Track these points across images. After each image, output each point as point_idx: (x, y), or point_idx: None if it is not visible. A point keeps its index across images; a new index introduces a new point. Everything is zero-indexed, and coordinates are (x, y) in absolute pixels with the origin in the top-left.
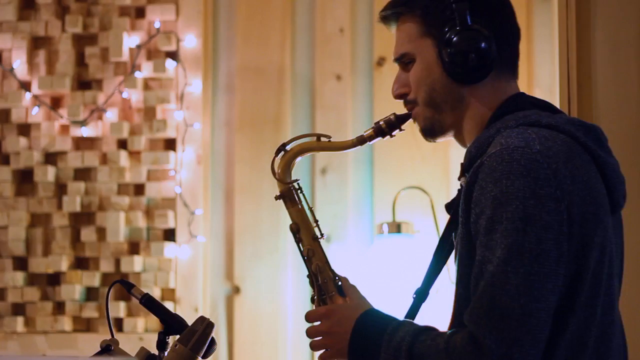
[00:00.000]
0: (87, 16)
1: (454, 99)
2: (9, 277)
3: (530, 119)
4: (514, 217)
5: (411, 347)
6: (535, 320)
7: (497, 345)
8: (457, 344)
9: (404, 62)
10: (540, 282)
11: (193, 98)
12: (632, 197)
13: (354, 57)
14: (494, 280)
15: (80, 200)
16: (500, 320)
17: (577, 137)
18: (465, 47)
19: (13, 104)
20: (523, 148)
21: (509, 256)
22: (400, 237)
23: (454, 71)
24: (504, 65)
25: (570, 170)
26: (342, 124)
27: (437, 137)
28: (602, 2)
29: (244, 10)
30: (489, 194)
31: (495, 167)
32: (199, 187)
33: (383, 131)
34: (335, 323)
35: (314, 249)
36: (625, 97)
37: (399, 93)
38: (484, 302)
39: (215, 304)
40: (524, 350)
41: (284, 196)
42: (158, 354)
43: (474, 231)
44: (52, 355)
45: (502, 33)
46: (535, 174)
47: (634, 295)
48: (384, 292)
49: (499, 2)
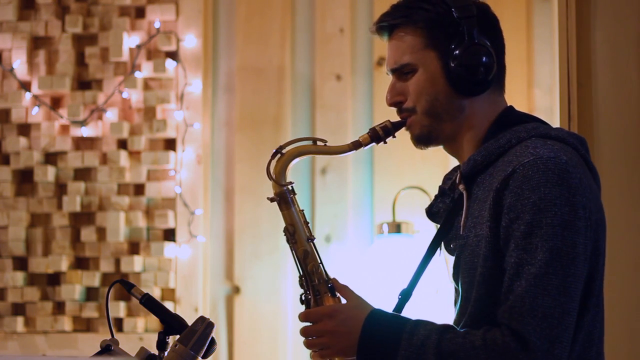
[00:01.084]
0: (87, 16)
1: (455, 110)
2: (9, 277)
3: (540, 131)
4: (554, 222)
5: (439, 344)
6: (572, 318)
7: (541, 341)
8: (498, 340)
9: (404, 72)
10: (575, 283)
11: (193, 98)
12: (631, 197)
13: (354, 57)
14: (536, 281)
15: (80, 200)
16: (544, 318)
17: (578, 150)
18: (473, 61)
19: (13, 104)
20: (554, 158)
21: (551, 259)
22: (400, 237)
23: (459, 83)
24: (499, 79)
25: (588, 180)
26: (342, 124)
27: (429, 145)
28: (602, 2)
29: (244, 10)
30: (526, 200)
31: (531, 175)
32: (199, 187)
33: (379, 137)
34: (339, 323)
35: (308, 250)
36: (625, 97)
37: (395, 101)
38: (526, 301)
39: (215, 304)
40: (563, 345)
41: (279, 198)
42: (158, 354)
43: (503, 235)
44: (52, 355)
45: (499, 49)
46: (567, 182)
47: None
48: (383, 292)
49: (495, 19)
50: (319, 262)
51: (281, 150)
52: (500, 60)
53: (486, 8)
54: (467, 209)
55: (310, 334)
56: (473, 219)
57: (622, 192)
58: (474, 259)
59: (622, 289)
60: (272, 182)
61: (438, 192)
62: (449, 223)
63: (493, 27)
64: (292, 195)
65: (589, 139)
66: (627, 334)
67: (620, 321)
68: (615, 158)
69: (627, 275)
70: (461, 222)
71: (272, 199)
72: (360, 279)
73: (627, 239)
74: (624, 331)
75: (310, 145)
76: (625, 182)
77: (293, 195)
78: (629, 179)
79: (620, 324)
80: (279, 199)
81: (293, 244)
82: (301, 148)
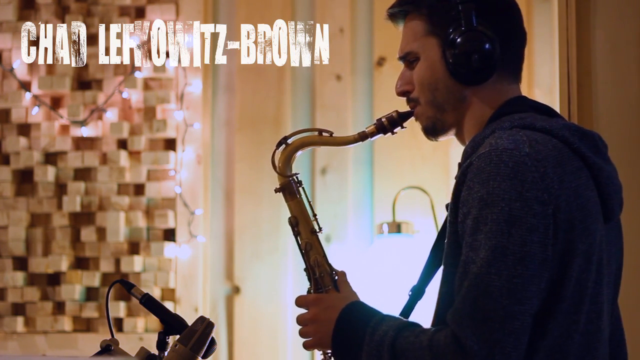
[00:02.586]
0: (87, 16)
1: (456, 99)
2: (9, 277)
3: (525, 122)
4: (499, 218)
5: (394, 341)
6: (518, 323)
7: (479, 347)
8: (441, 342)
9: (409, 60)
10: (523, 285)
11: (193, 98)
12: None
13: (354, 57)
14: (477, 281)
15: (80, 200)
16: (483, 322)
17: (571, 143)
18: (469, 48)
19: (13, 104)
20: (512, 150)
21: (493, 258)
22: (400, 237)
23: (458, 72)
24: (507, 67)
25: (559, 175)
26: (342, 124)
27: (438, 136)
28: (602, 2)
29: (243, 10)
30: (475, 194)
31: (483, 167)
32: (199, 187)
33: (385, 128)
34: (321, 310)
35: (312, 243)
36: (625, 97)
37: (402, 90)
38: (467, 303)
39: (215, 304)
40: (506, 352)
41: (284, 189)
42: (158, 354)
43: (460, 231)
44: (52, 355)
45: (506, 35)
46: (522, 176)
47: (633, 295)
48: (383, 291)
49: (505, 4)
50: (322, 254)
51: (286, 141)
52: (508, 47)
53: None
54: None
55: (299, 321)
56: None
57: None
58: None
59: (622, 289)
60: (277, 174)
61: None
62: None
63: (500, 11)
64: (298, 186)
65: None
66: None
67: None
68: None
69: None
70: None
71: (277, 190)
72: (360, 279)
73: (626, 239)
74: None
75: (315, 136)
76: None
77: (298, 186)
78: (629, 179)
79: None
80: (284, 190)
81: (297, 236)
82: (306, 139)
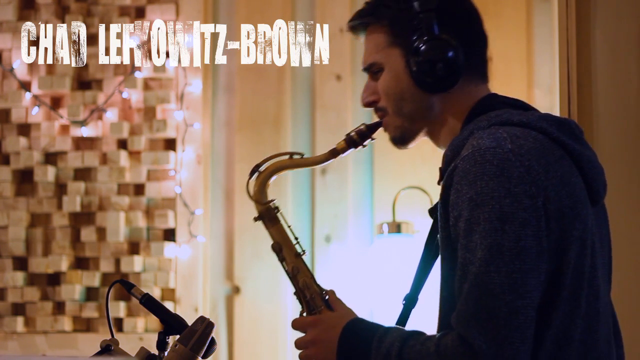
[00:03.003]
0: (87, 16)
1: (424, 108)
2: (9, 277)
3: (502, 118)
4: (491, 217)
5: (400, 352)
6: (523, 317)
7: (487, 345)
8: (449, 346)
9: (373, 71)
10: (523, 279)
11: (193, 98)
12: (631, 197)
13: (354, 57)
14: (477, 281)
15: (80, 200)
16: (488, 320)
17: (550, 133)
18: (433, 57)
19: (13, 104)
20: (494, 148)
21: (490, 256)
22: (400, 237)
23: (422, 80)
24: (473, 71)
25: (544, 166)
26: (342, 124)
27: (407, 145)
28: (602, 2)
29: (243, 10)
30: (464, 196)
31: (468, 169)
32: (199, 187)
33: (355, 141)
34: (321, 331)
35: (298, 266)
36: (625, 97)
37: (368, 101)
38: (470, 303)
39: (215, 304)
40: (515, 347)
41: (263, 217)
42: (158, 354)
43: (453, 234)
44: (52, 355)
45: (469, 40)
46: (508, 172)
47: (634, 295)
48: (383, 292)
49: (465, 10)
50: (310, 276)
51: (258, 169)
52: (474, 51)
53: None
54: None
55: (298, 345)
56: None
57: (622, 191)
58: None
59: (622, 289)
60: (254, 202)
61: None
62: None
63: (461, 18)
64: (276, 212)
65: (589, 138)
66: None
67: (620, 321)
68: (615, 158)
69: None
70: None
71: (256, 219)
72: (360, 279)
73: (627, 239)
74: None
75: (287, 160)
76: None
77: (277, 212)
78: (628, 179)
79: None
80: (263, 218)
81: (282, 261)
82: (278, 163)
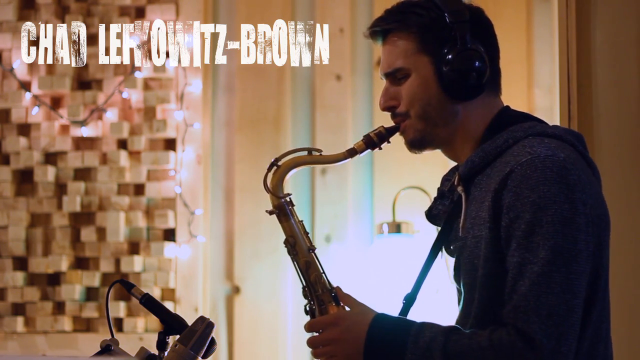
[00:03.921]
0: (87, 16)
1: (448, 114)
2: (9, 277)
3: (536, 130)
4: (554, 220)
5: (445, 345)
6: (577, 315)
7: (547, 340)
8: (504, 340)
9: (397, 77)
10: (578, 280)
11: (193, 98)
12: (631, 197)
13: (354, 57)
14: (540, 279)
15: (80, 200)
16: (549, 316)
17: (576, 146)
18: (466, 66)
19: (13, 104)
20: (552, 156)
21: (553, 257)
22: (400, 237)
23: (452, 88)
24: (493, 82)
25: (587, 177)
26: (342, 124)
27: (424, 149)
28: (602, 2)
29: (243, 10)
30: (526, 199)
31: (529, 174)
32: (199, 187)
33: (374, 143)
34: (344, 330)
35: (310, 261)
36: (625, 97)
37: (388, 105)
38: (530, 299)
39: (215, 304)
40: (569, 343)
41: (278, 211)
42: (158, 354)
43: (504, 235)
44: (52, 355)
45: (493, 53)
46: (566, 180)
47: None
48: (383, 292)
49: (489, 23)
50: (321, 272)
51: (277, 163)
52: (494, 64)
53: (480, 12)
54: (465, 210)
55: (317, 343)
56: (471, 220)
57: (622, 191)
58: (474, 260)
59: (622, 289)
60: (270, 195)
61: (437, 195)
62: (449, 225)
63: (486, 32)
64: (291, 207)
65: (589, 138)
66: (627, 334)
67: (621, 321)
68: (615, 158)
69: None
70: (460, 224)
71: (271, 212)
72: (360, 279)
73: (627, 239)
74: (624, 331)
75: (305, 156)
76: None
77: (291, 206)
78: (628, 179)
79: (620, 324)
80: (278, 212)
81: (294, 256)
82: (297, 159)
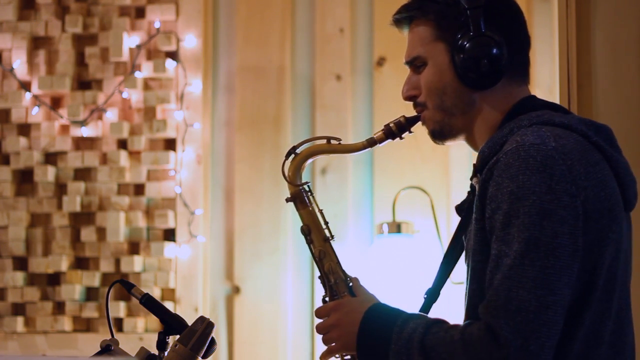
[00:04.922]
0: (87, 16)
1: (465, 104)
2: (9, 277)
3: (543, 118)
4: (531, 211)
5: (423, 338)
6: (552, 313)
7: (514, 336)
8: (474, 334)
9: (416, 65)
10: (556, 275)
11: (193, 98)
12: None
13: (354, 57)
14: (510, 273)
15: (80, 200)
16: (517, 312)
17: (589, 136)
18: (478, 53)
19: (13, 104)
20: (538, 145)
21: (526, 250)
22: (400, 237)
23: (466, 76)
24: (515, 71)
25: (585, 167)
26: (342, 124)
27: (446, 140)
28: (602, 2)
29: (244, 10)
30: (505, 189)
31: (511, 163)
32: (199, 187)
33: (393, 133)
34: (343, 315)
35: (325, 250)
36: (625, 97)
37: (409, 95)
38: (500, 294)
39: (215, 304)
40: (540, 341)
41: (295, 198)
42: (158, 354)
43: (488, 227)
44: (52, 355)
45: (514, 40)
46: (550, 169)
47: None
48: (383, 292)
49: (511, 10)
50: (336, 261)
51: (295, 150)
52: (516, 51)
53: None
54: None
55: (320, 329)
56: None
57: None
58: (469, 252)
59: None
60: (287, 183)
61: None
62: (467, 217)
63: (506, 17)
64: (308, 194)
65: None
66: None
67: None
68: None
69: None
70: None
71: (288, 200)
72: (360, 279)
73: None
74: None
75: (324, 145)
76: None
77: (309, 194)
78: None
79: None
80: (295, 199)
81: (310, 244)
82: (315, 147)
